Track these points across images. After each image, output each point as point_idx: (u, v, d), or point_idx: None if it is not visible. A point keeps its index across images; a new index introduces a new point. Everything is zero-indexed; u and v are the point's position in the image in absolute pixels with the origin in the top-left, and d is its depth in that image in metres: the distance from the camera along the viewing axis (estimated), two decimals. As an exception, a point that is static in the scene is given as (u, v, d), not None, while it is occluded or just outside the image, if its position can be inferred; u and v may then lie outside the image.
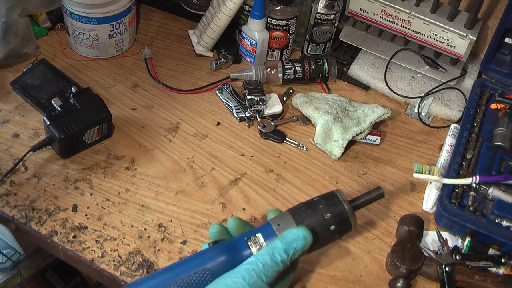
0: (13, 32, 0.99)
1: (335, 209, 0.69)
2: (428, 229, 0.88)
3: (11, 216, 0.83)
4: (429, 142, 1.02)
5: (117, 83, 1.04)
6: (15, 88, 0.99)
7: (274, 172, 0.93)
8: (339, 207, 0.69)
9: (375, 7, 1.06)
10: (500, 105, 0.99)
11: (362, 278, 0.82)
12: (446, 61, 1.09)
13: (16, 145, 0.92)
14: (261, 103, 0.99)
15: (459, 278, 0.80)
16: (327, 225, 0.68)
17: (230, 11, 1.03)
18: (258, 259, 0.63)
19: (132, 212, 0.85)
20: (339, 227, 0.69)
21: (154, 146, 0.95)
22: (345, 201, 0.70)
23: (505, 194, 0.86)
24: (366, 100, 1.07)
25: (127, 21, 1.05)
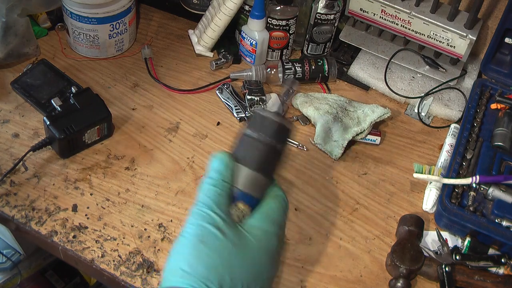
0: (13, 32, 0.99)
1: (264, 125, 0.64)
2: (428, 229, 0.88)
3: (11, 216, 0.83)
4: (429, 142, 1.02)
5: (117, 83, 1.04)
6: (15, 88, 0.99)
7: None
8: (265, 121, 0.65)
9: (375, 7, 1.06)
10: (500, 105, 0.99)
11: (362, 278, 0.82)
12: (446, 61, 1.09)
13: (16, 145, 0.92)
14: (261, 103, 0.99)
15: (459, 278, 0.80)
16: (268, 144, 0.64)
17: (230, 11, 1.03)
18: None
19: (132, 212, 0.85)
20: (277, 136, 0.64)
21: (154, 146, 0.95)
22: (266, 112, 0.65)
23: (505, 194, 0.86)
24: (366, 100, 1.07)
25: (127, 21, 1.05)
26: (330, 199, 0.91)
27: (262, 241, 0.60)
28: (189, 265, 0.56)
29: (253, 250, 0.59)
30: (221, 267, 0.56)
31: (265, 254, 0.60)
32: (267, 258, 0.60)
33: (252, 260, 0.59)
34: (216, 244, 0.57)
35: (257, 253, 0.59)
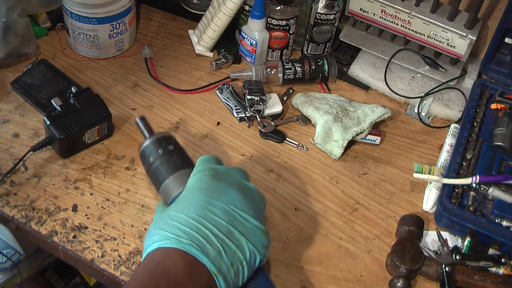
0: (13, 32, 0.99)
1: (148, 152, 0.77)
2: (428, 229, 0.88)
3: (11, 216, 0.83)
4: (429, 142, 1.02)
5: (117, 83, 1.04)
6: (15, 88, 0.99)
7: (274, 172, 0.93)
8: (147, 149, 0.78)
9: (375, 7, 1.06)
10: (500, 105, 0.99)
11: (362, 278, 0.82)
12: (446, 61, 1.09)
13: (16, 145, 0.92)
14: (261, 103, 0.99)
15: (459, 278, 0.80)
16: (161, 155, 0.76)
17: (230, 11, 1.03)
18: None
19: (132, 212, 0.85)
20: (161, 146, 0.77)
21: (154, 146, 0.95)
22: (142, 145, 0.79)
23: (505, 194, 0.86)
24: (366, 100, 1.07)
25: (127, 21, 1.05)
26: (330, 199, 0.91)
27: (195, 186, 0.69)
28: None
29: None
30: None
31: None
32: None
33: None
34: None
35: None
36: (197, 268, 0.61)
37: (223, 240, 0.63)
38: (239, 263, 0.64)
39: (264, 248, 0.67)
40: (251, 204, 0.68)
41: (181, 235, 0.63)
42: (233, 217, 0.65)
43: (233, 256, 0.63)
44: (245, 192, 0.69)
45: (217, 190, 0.67)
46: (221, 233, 0.64)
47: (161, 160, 0.76)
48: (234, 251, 0.64)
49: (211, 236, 0.63)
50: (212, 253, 0.62)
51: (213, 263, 0.62)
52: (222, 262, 0.62)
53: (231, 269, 0.63)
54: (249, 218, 0.66)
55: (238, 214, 0.66)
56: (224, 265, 0.63)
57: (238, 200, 0.67)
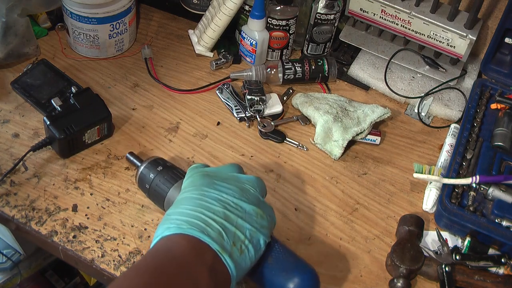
0: (13, 32, 0.99)
1: (145, 178, 0.83)
2: (428, 229, 0.88)
3: (11, 216, 0.83)
4: (429, 142, 1.02)
5: (117, 83, 1.04)
6: (15, 88, 0.99)
7: (274, 172, 0.93)
8: (145, 177, 0.83)
9: (375, 7, 1.06)
10: (500, 105, 0.99)
11: (362, 278, 0.82)
12: (446, 61, 1.09)
13: (16, 145, 0.92)
14: (261, 103, 0.99)
15: (459, 278, 0.80)
16: (158, 173, 0.82)
17: (230, 11, 1.03)
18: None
19: (132, 212, 0.85)
20: (157, 166, 0.83)
21: (154, 146, 0.95)
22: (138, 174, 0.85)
23: (505, 194, 0.86)
24: (366, 100, 1.07)
25: (127, 21, 1.05)
26: (330, 199, 0.91)
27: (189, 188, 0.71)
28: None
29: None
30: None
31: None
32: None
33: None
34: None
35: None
36: (200, 247, 0.63)
37: (221, 223, 0.65)
38: (241, 242, 0.66)
39: (264, 228, 0.69)
40: (243, 192, 0.70)
41: (180, 223, 0.64)
42: (227, 203, 0.68)
43: (233, 236, 0.65)
44: (237, 182, 0.72)
45: (209, 184, 0.70)
46: (218, 217, 0.66)
47: (158, 178, 0.81)
48: (233, 232, 0.65)
49: (209, 220, 0.65)
50: (213, 234, 0.64)
51: (216, 242, 0.63)
52: (224, 241, 0.64)
53: (234, 248, 0.65)
54: (242, 204, 0.68)
55: (231, 201, 0.68)
56: (227, 244, 0.64)
57: (229, 189, 0.70)
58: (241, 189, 0.70)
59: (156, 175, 0.81)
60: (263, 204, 0.72)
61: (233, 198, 0.68)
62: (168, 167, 0.83)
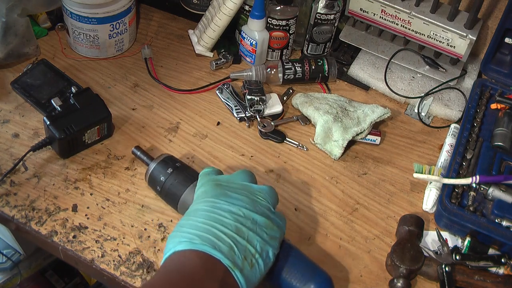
0: (13, 32, 0.99)
1: (156, 176, 0.83)
2: (428, 229, 0.88)
3: (11, 216, 0.83)
4: (429, 142, 1.02)
5: (117, 83, 1.04)
6: (15, 88, 0.99)
7: (274, 172, 0.93)
8: (154, 173, 0.84)
9: (375, 7, 1.06)
10: (500, 105, 0.99)
11: (362, 278, 0.82)
12: (446, 61, 1.09)
13: (16, 145, 0.92)
14: (261, 103, 0.99)
15: (459, 278, 0.80)
16: (170, 173, 0.82)
17: (230, 11, 1.03)
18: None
19: (132, 212, 0.85)
20: (168, 166, 0.83)
21: (154, 146, 0.95)
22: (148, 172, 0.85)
23: (505, 194, 0.86)
24: (366, 100, 1.07)
25: (127, 21, 1.05)
26: (330, 199, 0.91)
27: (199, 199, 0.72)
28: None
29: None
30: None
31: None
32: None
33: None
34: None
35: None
36: (212, 263, 0.63)
37: (232, 237, 0.66)
38: (252, 256, 0.66)
39: (274, 240, 0.69)
40: (254, 203, 0.71)
41: (192, 238, 0.65)
42: (238, 215, 0.68)
43: (244, 250, 0.66)
44: (248, 193, 0.72)
45: (220, 195, 0.71)
46: (229, 230, 0.66)
47: (173, 177, 0.81)
48: (245, 246, 0.66)
49: (221, 234, 0.66)
50: (225, 249, 0.65)
51: (227, 257, 0.64)
52: (235, 256, 0.65)
53: (245, 262, 0.65)
54: (253, 215, 0.69)
55: (242, 213, 0.69)
56: (238, 259, 0.65)
57: (240, 200, 0.70)
58: (252, 200, 0.71)
59: (169, 175, 0.82)
60: (274, 215, 0.72)
61: (245, 210, 0.69)
62: (181, 167, 0.83)
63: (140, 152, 0.88)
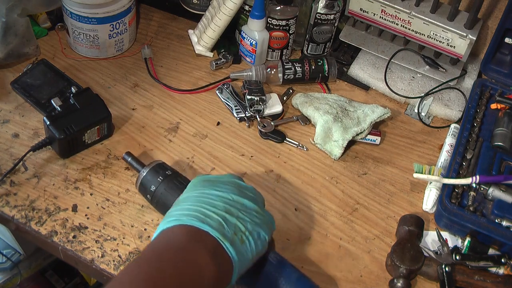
0: (13, 32, 0.99)
1: (147, 183, 0.82)
2: (428, 229, 0.88)
3: (11, 216, 0.83)
4: (429, 142, 1.02)
5: (117, 83, 1.04)
6: (15, 88, 0.99)
7: (274, 172, 0.93)
8: (145, 180, 0.83)
9: (375, 7, 1.06)
10: (500, 105, 0.99)
11: (362, 278, 0.82)
12: (446, 61, 1.09)
13: (16, 145, 0.92)
14: (261, 103, 0.99)
15: (459, 278, 0.80)
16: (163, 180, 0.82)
17: (230, 11, 1.03)
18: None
19: (132, 212, 0.85)
20: (164, 174, 0.82)
21: (154, 146, 0.95)
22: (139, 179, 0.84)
23: (505, 194, 0.86)
24: (366, 100, 1.07)
25: (127, 21, 1.05)
26: (330, 199, 0.91)
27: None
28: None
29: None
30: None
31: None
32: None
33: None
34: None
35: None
36: (200, 235, 0.64)
37: (222, 215, 0.66)
38: (242, 233, 0.67)
39: (265, 225, 0.70)
40: (243, 194, 0.71)
41: (180, 216, 0.65)
42: (227, 199, 0.69)
43: (234, 227, 0.66)
44: (237, 186, 0.73)
45: (209, 186, 0.71)
46: (219, 210, 0.67)
47: (164, 185, 0.81)
48: (234, 223, 0.67)
49: (209, 213, 0.66)
50: (214, 223, 0.65)
51: (216, 230, 0.64)
52: (225, 230, 0.65)
53: (235, 237, 0.65)
54: (243, 200, 0.70)
55: (232, 197, 0.69)
56: (228, 233, 0.65)
57: (230, 190, 0.71)
58: (241, 192, 0.71)
59: (160, 183, 0.81)
60: (263, 210, 0.73)
61: (234, 195, 0.70)
62: (172, 175, 0.82)
63: (131, 158, 0.87)
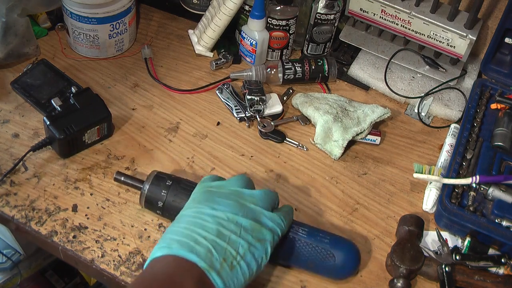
0: (13, 32, 0.99)
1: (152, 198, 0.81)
2: (428, 229, 0.88)
3: (11, 216, 0.83)
4: (429, 142, 1.02)
5: (117, 83, 1.04)
6: (15, 88, 0.99)
7: (274, 172, 0.93)
8: (151, 195, 0.81)
9: (375, 7, 1.06)
10: (500, 105, 0.99)
11: (362, 278, 0.82)
12: (446, 61, 1.09)
13: (16, 145, 0.92)
14: (261, 103, 0.99)
15: (459, 278, 0.80)
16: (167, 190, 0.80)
17: (230, 11, 1.03)
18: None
19: (132, 212, 0.85)
20: (167, 182, 0.81)
21: (154, 146, 0.95)
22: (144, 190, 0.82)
23: (505, 194, 0.86)
24: (366, 100, 1.07)
25: (127, 21, 1.05)
26: (330, 199, 0.91)
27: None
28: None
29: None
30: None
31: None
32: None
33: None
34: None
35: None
36: (188, 265, 0.64)
37: (212, 240, 0.66)
38: (233, 258, 0.66)
39: (261, 242, 0.69)
40: (241, 207, 0.71)
41: (171, 243, 0.66)
42: (221, 219, 0.68)
43: (224, 252, 0.66)
44: (237, 197, 0.72)
45: (207, 201, 0.71)
46: (210, 234, 0.66)
47: (172, 195, 0.80)
48: (224, 248, 0.66)
49: (200, 238, 0.66)
50: (201, 252, 0.65)
51: (203, 259, 0.64)
52: (213, 258, 0.65)
53: (225, 264, 0.65)
54: (238, 218, 0.69)
55: (226, 216, 0.69)
56: (216, 261, 0.65)
57: (226, 205, 0.70)
58: (240, 204, 0.71)
59: (168, 192, 0.80)
60: (266, 218, 0.71)
61: (229, 214, 0.69)
62: (177, 180, 0.81)
63: (124, 178, 0.84)
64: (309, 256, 0.76)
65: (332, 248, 0.76)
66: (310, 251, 0.76)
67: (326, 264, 0.76)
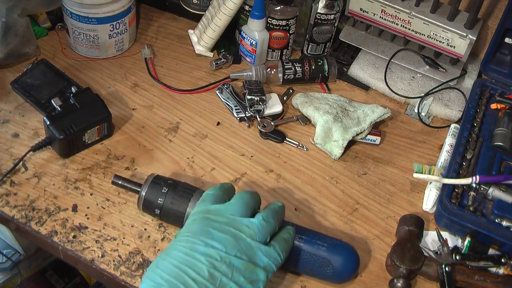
0: (13, 32, 0.99)
1: (150, 203, 0.81)
2: (428, 229, 0.88)
3: (11, 216, 0.83)
4: (429, 142, 1.02)
5: (117, 83, 1.04)
6: (15, 88, 0.99)
7: (274, 172, 0.93)
8: (147, 202, 0.81)
9: (375, 7, 1.06)
10: (500, 105, 0.99)
11: (362, 278, 0.82)
12: (446, 61, 1.10)
13: (16, 145, 0.92)
14: (261, 103, 0.99)
15: (459, 278, 0.80)
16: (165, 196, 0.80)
17: (230, 11, 1.03)
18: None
19: (132, 212, 0.85)
20: (165, 185, 0.81)
21: (154, 146, 0.95)
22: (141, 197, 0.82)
23: (505, 194, 0.86)
24: (366, 100, 1.07)
25: (127, 21, 1.05)
26: (330, 199, 0.91)
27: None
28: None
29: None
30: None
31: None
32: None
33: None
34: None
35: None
36: None
37: (202, 283, 0.65)
38: None
39: (253, 283, 0.68)
40: (237, 242, 0.69)
41: (161, 283, 0.65)
42: (213, 259, 0.67)
43: None
44: (234, 229, 0.70)
45: (202, 234, 0.69)
46: (200, 277, 0.65)
47: (170, 197, 0.79)
48: None
49: (190, 281, 0.65)
50: None
51: None
52: None
53: None
54: (231, 258, 0.68)
55: (219, 256, 0.67)
56: None
57: (220, 242, 0.68)
58: (236, 239, 0.69)
59: (167, 193, 0.80)
60: (261, 252, 0.70)
61: (222, 253, 0.68)
62: (174, 182, 0.81)
63: (122, 181, 0.84)
64: (307, 263, 0.76)
65: (329, 256, 0.76)
66: (307, 258, 0.76)
67: (324, 271, 0.76)
